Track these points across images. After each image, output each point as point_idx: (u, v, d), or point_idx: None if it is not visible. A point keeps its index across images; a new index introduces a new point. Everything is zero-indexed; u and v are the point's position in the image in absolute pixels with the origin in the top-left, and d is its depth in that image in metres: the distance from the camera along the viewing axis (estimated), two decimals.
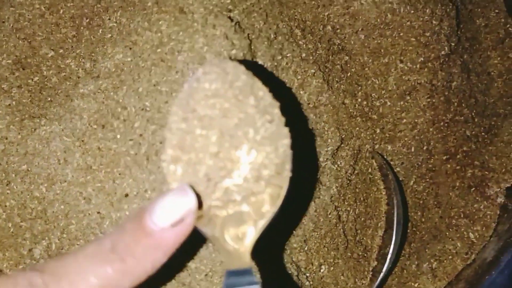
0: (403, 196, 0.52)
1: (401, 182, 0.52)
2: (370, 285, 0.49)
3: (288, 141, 0.31)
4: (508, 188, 0.53)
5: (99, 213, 0.39)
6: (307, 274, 0.46)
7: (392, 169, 0.51)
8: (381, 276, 0.48)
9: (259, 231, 0.30)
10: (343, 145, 0.48)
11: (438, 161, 0.52)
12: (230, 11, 0.41)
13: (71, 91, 0.42)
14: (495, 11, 0.57)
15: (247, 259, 0.30)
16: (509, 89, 0.56)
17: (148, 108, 0.40)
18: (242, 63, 0.32)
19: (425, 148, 0.52)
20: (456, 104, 0.52)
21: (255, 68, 0.41)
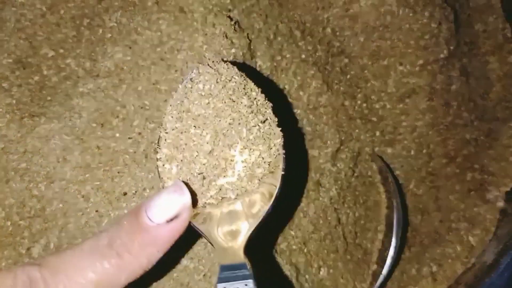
0: (403, 199, 0.51)
1: (400, 185, 0.52)
2: None
3: (280, 141, 0.32)
4: (507, 192, 0.52)
5: (97, 211, 0.39)
6: (307, 276, 0.45)
7: (392, 172, 0.51)
8: (380, 279, 0.48)
9: (253, 228, 0.31)
10: (342, 147, 0.48)
11: (437, 164, 0.52)
12: (229, 10, 0.41)
13: (70, 90, 0.42)
14: (493, 16, 0.57)
15: (241, 255, 0.31)
16: (508, 94, 0.56)
17: (147, 106, 0.40)
18: (235, 65, 0.33)
19: (425, 151, 0.52)
20: (455, 107, 0.52)
21: (250, 70, 0.41)
